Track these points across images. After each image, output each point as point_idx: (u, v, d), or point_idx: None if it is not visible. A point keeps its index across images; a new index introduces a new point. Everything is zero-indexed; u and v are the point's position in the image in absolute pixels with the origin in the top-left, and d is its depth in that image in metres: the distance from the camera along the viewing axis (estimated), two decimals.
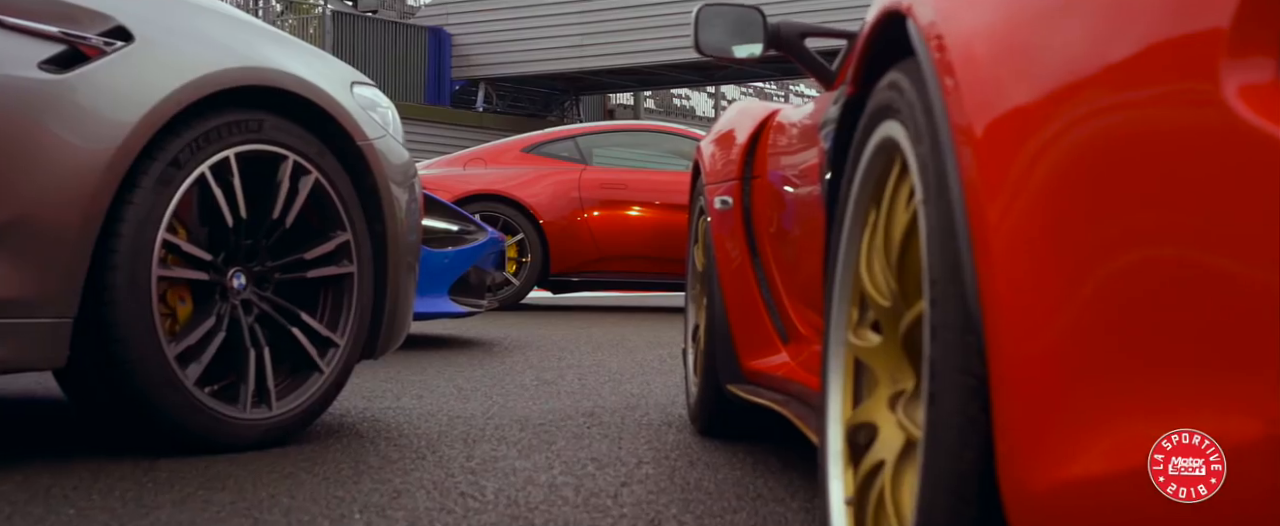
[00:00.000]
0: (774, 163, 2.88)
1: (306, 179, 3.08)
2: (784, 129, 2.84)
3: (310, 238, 3.13)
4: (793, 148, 2.68)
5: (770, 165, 2.93)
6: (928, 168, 1.24)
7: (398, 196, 3.32)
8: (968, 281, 1.13)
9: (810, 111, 2.61)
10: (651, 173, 9.69)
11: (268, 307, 3.04)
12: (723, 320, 3.12)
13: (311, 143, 3.08)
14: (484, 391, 4.26)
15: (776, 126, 2.96)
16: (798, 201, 2.59)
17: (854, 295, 1.60)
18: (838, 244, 1.63)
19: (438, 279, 5.83)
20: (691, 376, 3.52)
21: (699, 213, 3.46)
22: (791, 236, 2.72)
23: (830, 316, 1.65)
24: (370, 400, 3.96)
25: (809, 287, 2.72)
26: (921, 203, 1.26)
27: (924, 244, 1.23)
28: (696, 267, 3.52)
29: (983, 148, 1.13)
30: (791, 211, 2.68)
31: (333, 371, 3.13)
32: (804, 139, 2.54)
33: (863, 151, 1.54)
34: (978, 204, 1.12)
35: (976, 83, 1.16)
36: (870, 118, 1.51)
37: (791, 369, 2.84)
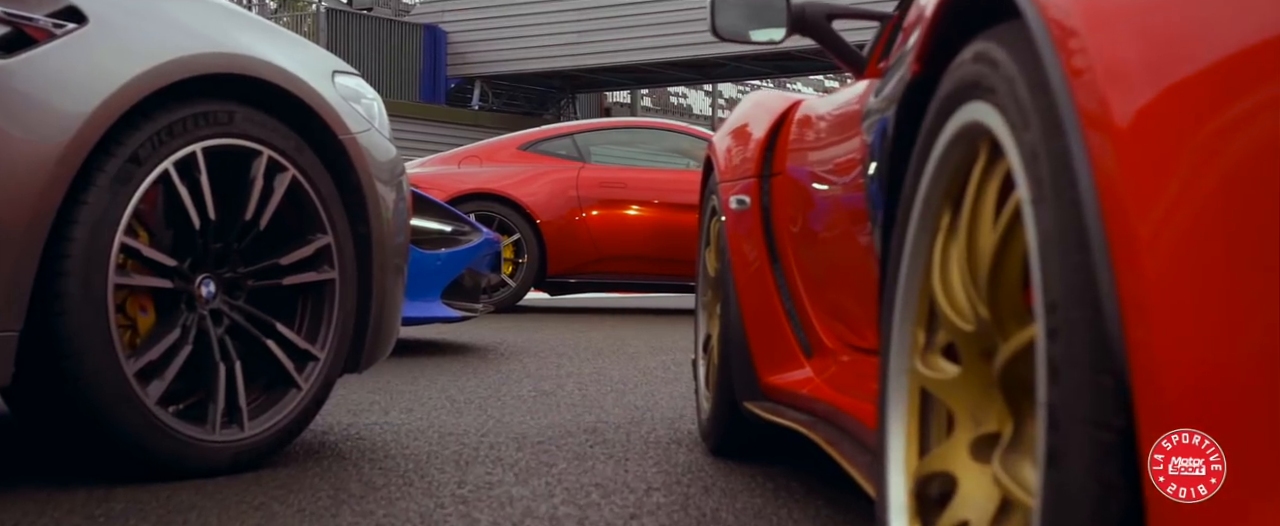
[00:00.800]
0: (798, 158, 2.61)
1: (283, 176, 2.81)
2: (810, 121, 2.57)
3: (287, 241, 2.86)
4: (822, 141, 2.41)
5: (793, 161, 2.66)
6: (1038, 159, 0.97)
7: (383, 195, 3.05)
8: (1105, 306, 0.86)
9: (844, 101, 2.34)
10: (651, 171, 9.42)
11: (239, 318, 2.76)
12: (739, 330, 2.85)
13: (288, 137, 2.81)
14: (478, 404, 3.98)
15: (800, 119, 2.69)
16: (829, 201, 2.32)
17: (920, 314, 1.33)
18: (898, 252, 1.36)
19: (430, 282, 5.55)
20: (703, 390, 3.25)
21: (711, 213, 3.19)
22: (820, 239, 2.45)
23: (888, 338, 1.38)
24: (356, 414, 3.68)
25: (839, 297, 2.45)
26: (1030, 203, 0.98)
27: (1035, 256, 0.96)
28: (708, 273, 3.25)
29: (1129, 134, 0.86)
30: (820, 212, 2.40)
31: (312, 387, 2.86)
32: (837, 131, 2.27)
33: (935, 141, 1.27)
34: (1119, 207, 0.85)
35: (1115, 51, 0.89)
36: (946, 100, 1.24)
37: (817, 386, 2.57)
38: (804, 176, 2.54)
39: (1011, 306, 1.10)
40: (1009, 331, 1.10)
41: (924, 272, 1.31)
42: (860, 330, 2.28)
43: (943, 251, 1.26)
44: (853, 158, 2.04)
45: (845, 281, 2.30)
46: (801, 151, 2.57)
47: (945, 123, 1.23)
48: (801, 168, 2.56)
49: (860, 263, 2.12)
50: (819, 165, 2.39)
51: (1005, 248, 1.09)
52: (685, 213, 9.00)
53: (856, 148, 2.02)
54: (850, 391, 2.40)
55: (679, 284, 9.26)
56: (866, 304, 2.22)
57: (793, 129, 2.72)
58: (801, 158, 2.56)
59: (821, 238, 2.43)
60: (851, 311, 2.34)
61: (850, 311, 2.35)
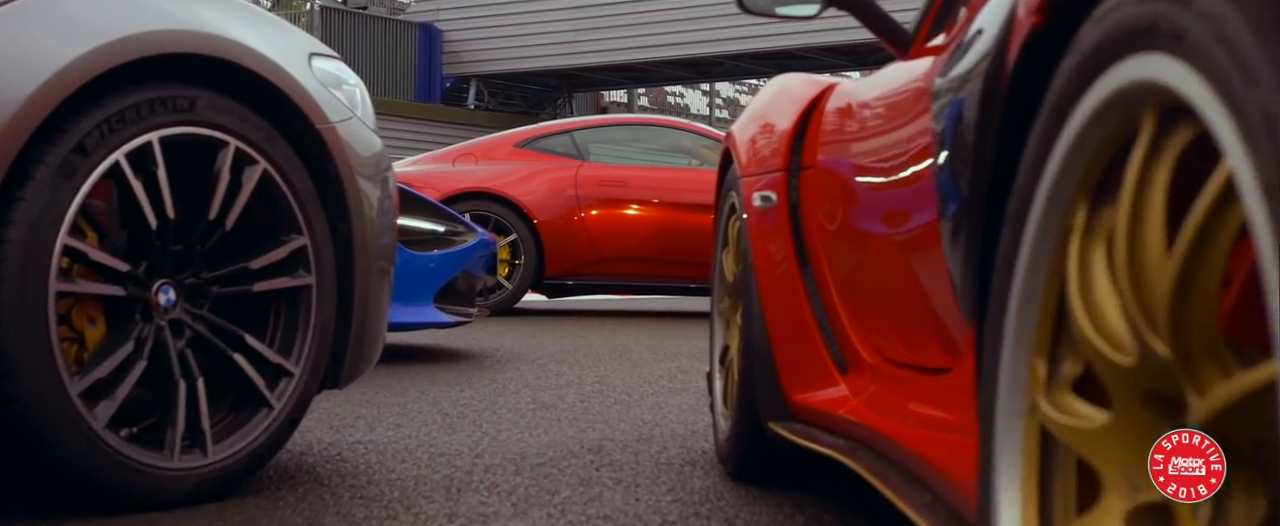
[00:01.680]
0: (836, 149, 2.31)
1: (252, 170, 2.50)
2: (851, 107, 2.27)
3: (257, 242, 2.56)
4: (869, 129, 2.11)
5: (829, 152, 2.36)
6: (1275, 126, 0.67)
7: (367, 191, 2.74)
8: None
9: (897, 82, 2.03)
10: (652, 169, 9.12)
11: (202, 329, 2.46)
12: (762, 342, 2.55)
13: (258, 125, 2.51)
14: (472, 418, 3.68)
15: (837, 105, 2.38)
16: (877, 196, 2.02)
17: (1041, 338, 1.02)
18: (1008, 259, 1.06)
19: (422, 285, 5.25)
20: (720, 408, 2.95)
21: (729, 211, 2.89)
22: (863, 239, 2.14)
23: (994, 369, 1.08)
24: (338, 431, 3.37)
25: (885, 305, 2.15)
26: (1260, 191, 0.68)
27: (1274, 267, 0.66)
28: (726, 277, 2.95)
29: None
30: (865, 208, 2.10)
31: (285, 406, 2.55)
32: (890, 116, 1.96)
33: (1068, 114, 0.97)
34: None
35: None
36: (1090, 58, 0.93)
37: (855, 408, 2.27)
38: (844, 169, 2.24)
39: (1202, 333, 0.80)
40: (1205, 373, 0.80)
41: (1047, 285, 1.01)
42: (914, 344, 1.98)
43: (1080, 258, 0.96)
44: (913, 146, 1.74)
45: (895, 288, 2.00)
46: (841, 141, 2.27)
47: (1087, 89, 0.93)
48: (841, 159, 2.25)
49: (918, 267, 1.82)
50: (865, 156, 2.09)
51: (1198, 256, 0.79)
52: (687, 212, 8.73)
53: (917, 134, 1.71)
54: (897, 415, 2.10)
55: (680, 286, 8.96)
56: (924, 314, 1.92)
57: (827, 116, 2.41)
58: (840, 148, 2.26)
59: (866, 238, 2.13)
60: (902, 322, 2.04)
61: (900, 323, 2.05)
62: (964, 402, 1.70)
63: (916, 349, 2.00)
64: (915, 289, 1.83)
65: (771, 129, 2.61)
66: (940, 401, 1.88)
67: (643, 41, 24.04)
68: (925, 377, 1.98)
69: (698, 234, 8.67)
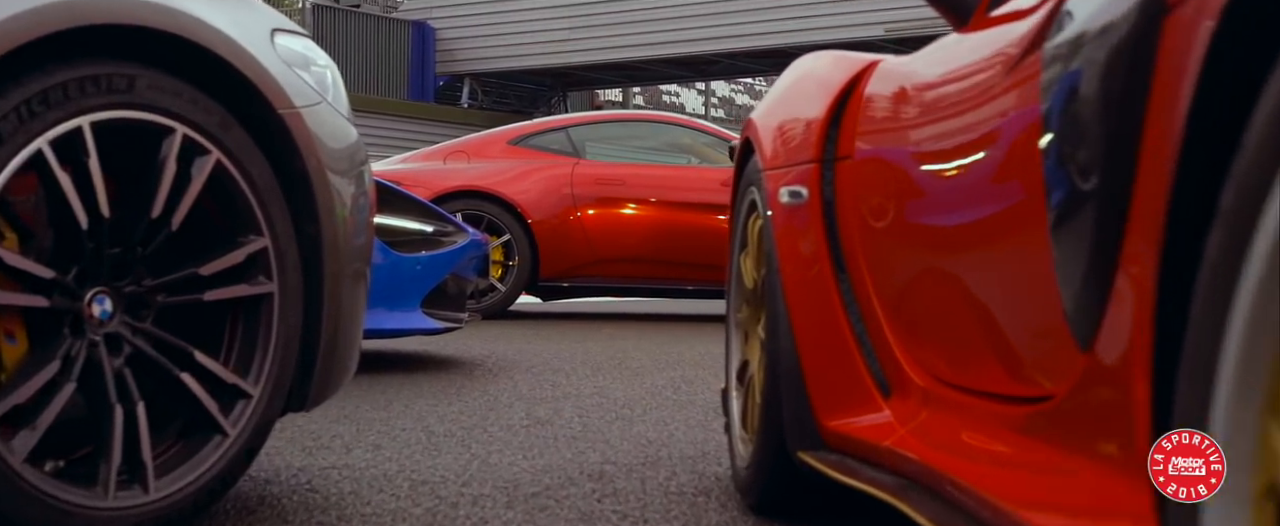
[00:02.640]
0: (885, 136, 1.98)
1: (203, 161, 2.17)
2: (906, 88, 1.93)
3: (210, 244, 2.23)
4: (935, 110, 1.77)
5: (876, 139, 2.03)
6: None
7: (338, 186, 2.41)
8: None
9: (967, 55, 1.70)
10: (651, 167, 8.79)
11: (144, 345, 2.12)
12: (790, 358, 2.22)
13: (210, 110, 2.17)
14: (460, 437, 3.34)
15: (885, 86, 2.05)
16: (949, 189, 1.69)
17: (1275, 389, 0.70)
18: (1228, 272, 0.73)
19: (409, 289, 4.91)
20: (739, 431, 2.62)
21: (749, 209, 2.56)
22: (925, 241, 1.82)
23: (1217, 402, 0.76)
24: (310, 454, 3.04)
25: (947, 318, 1.82)
26: None
27: None
28: (745, 283, 2.62)
29: None
30: (930, 204, 1.77)
31: (242, 433, 2.22)
32: (967, 94, 1.63)
33: None
34: None
35: None
36: None
37: (903, 439, 1.94)
38: (898, 158, 1.91)
39: None
40: None
41: None
42: (988, 366, 1.66)
43: None
44: (1001, 130, 1.42)
45: (965, 299, 1.67)
46: (892, 126, 1.94)
47: None
48: (894, 147, 1.92)
49: (1001, 274, 1.50)
50: (929, 142, 1.76)
51: None
52: (687, 212, 8.42)
53: (1006, 115, 1.39)
54: (960, 450, 1.78)
55: (680, 288, 8.63)
56: (1004, 331, 1.59)
57: (870, 100, 2.08)
58: (892, 135, 1.93)
59: (927, 238, 1.80)
60: (971, 340, 1.71)
61: (968, 340, 1.73)
62: (1063, 440, 1.38)
63: (989, 372, 1.68)
64: (996, 300, 1.50)
65: (801, 115, 2.28)
66: (1024, 437, 1.55)
67: (638, 39, 23.88)
68: (1002, 407, 1.66)
69: (698, 234, 8.37)
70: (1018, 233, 1.35)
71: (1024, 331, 1.42)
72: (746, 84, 33.79)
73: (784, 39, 22.46)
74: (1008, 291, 1.46)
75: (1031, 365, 1.45)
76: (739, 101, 34.13)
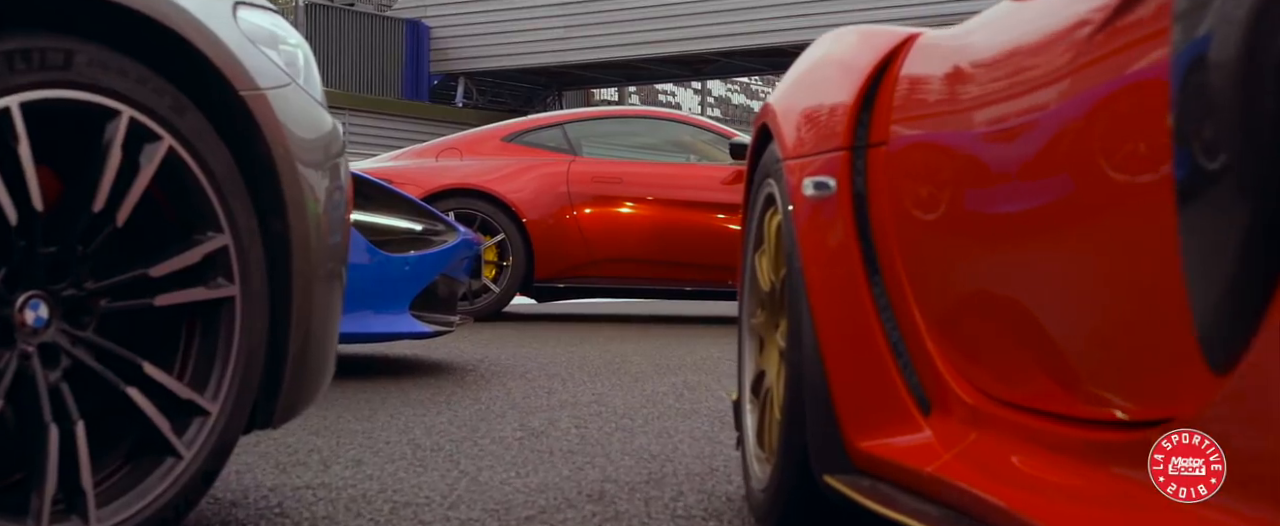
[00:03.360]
0: (930, 119, 1.73)
1: (153, 148, 1.92)
2: (960, 65, 1.67)
3: (162, 242, 1.98)
4: (1000, 88, 1.52)
5: (918, 123, 1.78)
6: None
7: (309, 178, 2.16)
8: None
9: (1042, 21, 1.44)
10: (649, 164, 8.54)
11: (85, 356, 1.87)
12: (815, 370, 1.97)
13: (161, 90, 1.93)
14: (448, 451, 3.09)
15: (931, 62, 1.80)
16: (1019, 178, 1.44)
17: None
18: None
19: (396, 291, 4.66)
20: (754, 449, 2.37)
21: (765, 203, 2.32)
22: (988, 237, 1.57)
23: None
24: (284, 471, 2.79)
25: (1004, 327, 1.58)
26: None
27: None
28: (761, 285, 2.37)
29: None
30: (993, 196, 1.52)
31: (199, 455, 1.97)
32: (1046, 70, 1.38)
33: None
34: None
35: None
36: None
37: (949, 464, 1.70)
38: (948, 142, 1.66)
39: None
40: None
41: None
42: (1059, 384, 1.41)
43: None
44: (1090, 106, 1.17)
45: (1032, 305, 1.42)
46: (941, 107, 1.69)
47: None
48: (942, 131, 1.68)
49: (1088, 276, 1.25)
50: (988, 124, 1.51)
51: None
52: (687, 210, 8.18)
53: (1098, 90, 1.14)
54: (1023, 482, 1.54)
55: (679, 289, 8.38)
56: (1089, 344, 1.34)
57: (909, 79, 1.83)
58: (941, 116, 1.68)
59: (983, 234, 1.55)
60: (1038, 353, 1.47)
61: (1034, 352, 1.48)
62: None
63: (1062, 391, 1.43)
64: (1080, 308, 1.26)
65: (827, 98, 2.03)
66: (1106, 469, 1.31)
67: (634, 38, 23.72)
68: (1077, 432, 1.41)
69: (698, 234, 8.14)
70: (1120, 229, 1.11)
71: (1121, 345, 1.18)
72: (742, 83, 33.58)
73: (781, 37, 22.26)
74: (1098, 298, 1.22)
75: (1127, 385, 1.21)
76: (736, 101, 33.92)
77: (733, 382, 4.59)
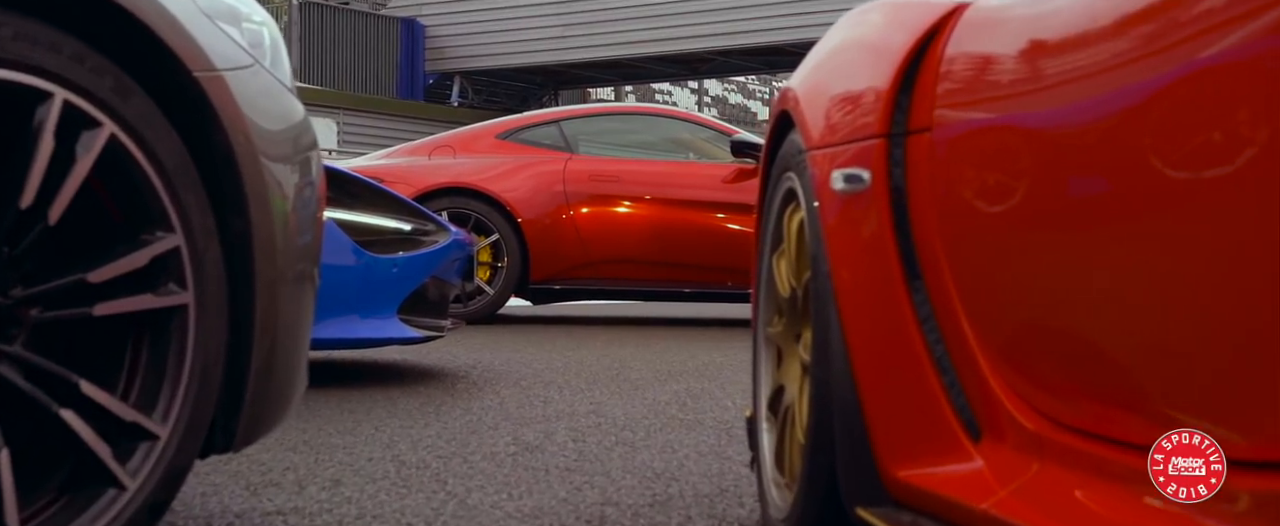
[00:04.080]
0: (990, 102, 1.50)
1: (92, 136, 1.68)
2: (1033, 39, 1.43)
3: (103, 243, 1.74)
4: (1092, 60, 1.27)
5: (972, 106, 1.55)
6: None
7: (275, 172, 1.93)
8: None
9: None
10: (647, 162, 8.31)
11: (11, 373, 1.63)
12: (846, 387, 1.74)
13: (103, 70, 1.69)
14: (436, 469, 2.86)
15: (985, 36, 1.56)
16: (1099, 167, 1.20)
17: None
18: None
19: (384, 294, 4.42)
20: (772, 473, 2.13)
21: (784, 199, 2.08)
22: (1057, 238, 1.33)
23: None
24: (254, 493, 2.56)
25: (1079, 342, 1.34)
26: None
27: None
28: (779, 291, 2.14)
29: None
30: (1076, 191, 1.28)
31: (144, 484, 1.74)
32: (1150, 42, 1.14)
33: None
34: None
35: None
36: None
37: (1005, 500, 1.47)
38: (1016, 125, 1.42)
39: None
40: None
41: None
42: (1156, 413, 1.18)
43: None
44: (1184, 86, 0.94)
45: (1124, 316, 1.19)
46: (1005, 87, 1.45)
47: None
48: (1007, 112, 1.44)
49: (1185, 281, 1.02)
50: (1067, 104, 1.28)
51: None
52: (686, 210, 7.96)
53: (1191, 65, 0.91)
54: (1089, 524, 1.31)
55: (679, 292, 8.14)
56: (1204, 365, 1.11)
57: (958, 55, 1.59)
58: (1005, 99, 1.44)
59: (1059, 233, 1.32)
60: (1127, 374, 1.23)
61: (1122, 373, 1.25)
62: None
63: (1155, 419, 1.19)
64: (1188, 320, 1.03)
65: (859, 80, 1.80)
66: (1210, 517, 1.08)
67: (630, 37, 23.58)
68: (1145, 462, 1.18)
69: (697, 234, 7.92)
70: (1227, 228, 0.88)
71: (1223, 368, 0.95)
72: (739, 82, 33.36)
73: (778, 36, 22.07)
74: (1200, 310, 0.99)
75: (1230, 417, 0.98)
76: (732, 100, 33.71)
77: (739, 391, 4.37)
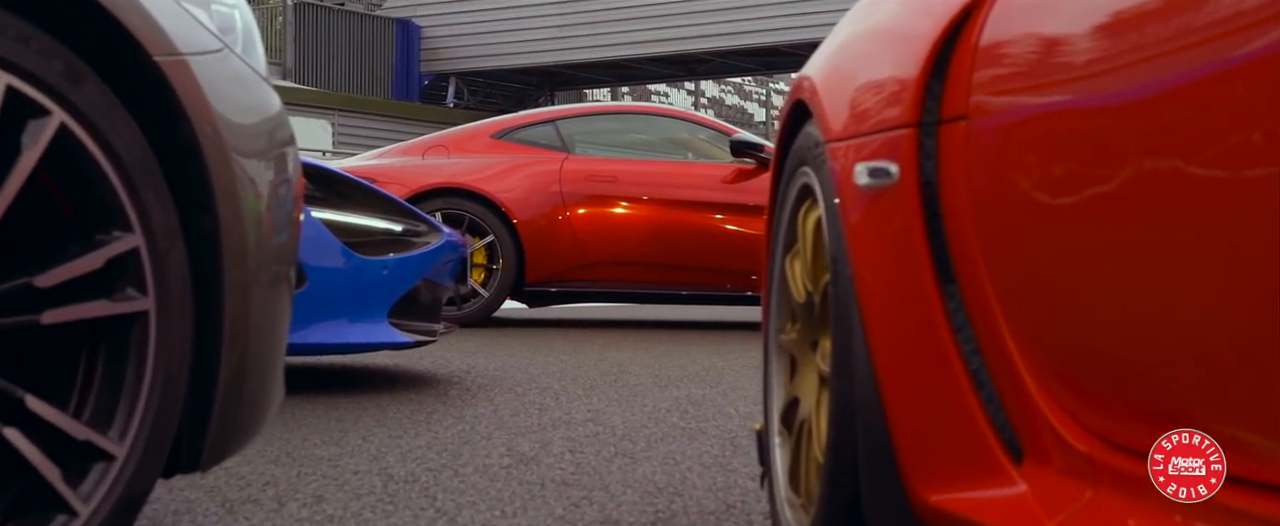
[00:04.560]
0: (1036, 87, 1.34)
1: (39, 125, 1.52)
2: (1086, 17, 1.27)
3: (52, 243, 1.59)
4: (1156, 41, 1.11)
5: (1016, 92, 1.39)
6: None
7: (246, 167, 1.77)
8: None
9: None
10: (646, 162, 8.15)
11: None
12: (871, 402, 1.58)
13: (52, 53, 1.53)
14: (425, 483, 2.70)
15: (1028, 15, 1.40)
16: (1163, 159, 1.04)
17: None
18: None
19: (374, 297, 4.26)
20: (785, 492, 1.97)
21: (800, 196, 1.93)
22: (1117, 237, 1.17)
23: None
24: (231, 510, 2.40)
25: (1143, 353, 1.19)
26: None
27: None
28: (793, 295, 1.98)
29: None
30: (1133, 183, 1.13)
31: (98, 509, 1.58)
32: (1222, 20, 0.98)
33: None
34: None
35: None
36: None
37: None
38: (1068, 113, 1.26)
39: None
40: None
41: None
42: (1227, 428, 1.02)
43: None
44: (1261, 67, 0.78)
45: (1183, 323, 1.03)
46: (1059, 70, 1.29)
47: None
48: (1058, 99, 1.28)
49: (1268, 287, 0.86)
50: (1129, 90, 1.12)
51: None
52: (685, 210, 7.81)
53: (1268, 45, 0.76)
54: None
55: (678, 294, 7.98)
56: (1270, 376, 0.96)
57: (998, 38, 1.43)
58: (1057, 83, 1.28)
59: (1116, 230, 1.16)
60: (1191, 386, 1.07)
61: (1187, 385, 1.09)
62: None
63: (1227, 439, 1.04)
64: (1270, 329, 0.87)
65: (885, 65, 1.64)
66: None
67: (627, 38, 23.49)
68: (1251, 499, 1.03)
69: (696, 235, 7.77)
70: None
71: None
72: (735, 84, 33.22)
73: (774, 37, 21.95)
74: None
75: None
76: (729, 101, 33.57)
77: (743, 397, 4.21)
